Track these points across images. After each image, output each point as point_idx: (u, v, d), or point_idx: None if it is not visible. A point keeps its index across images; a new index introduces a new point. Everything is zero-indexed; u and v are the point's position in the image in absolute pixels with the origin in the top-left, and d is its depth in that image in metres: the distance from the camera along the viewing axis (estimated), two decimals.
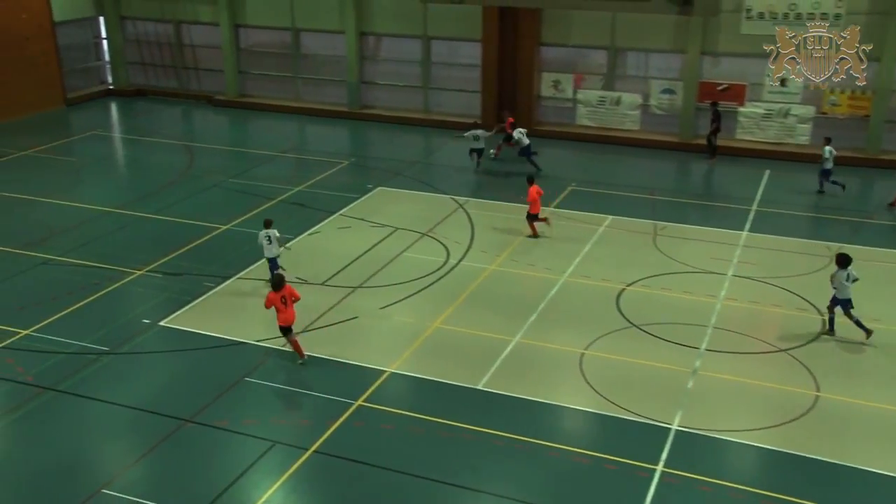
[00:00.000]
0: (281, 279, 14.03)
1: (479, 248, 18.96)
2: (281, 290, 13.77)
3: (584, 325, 15.47)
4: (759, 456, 11.94)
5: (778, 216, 21.09)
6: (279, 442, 12.03)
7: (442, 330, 15.31)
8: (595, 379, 13.70)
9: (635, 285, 17.07)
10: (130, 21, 33.58)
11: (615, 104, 27.63)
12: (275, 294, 13.76)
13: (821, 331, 15.22)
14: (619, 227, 20.28)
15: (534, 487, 11.27)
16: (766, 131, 26.01)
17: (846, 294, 14.76)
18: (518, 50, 27.91)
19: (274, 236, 16.52)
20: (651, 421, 12.56)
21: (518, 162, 25.64)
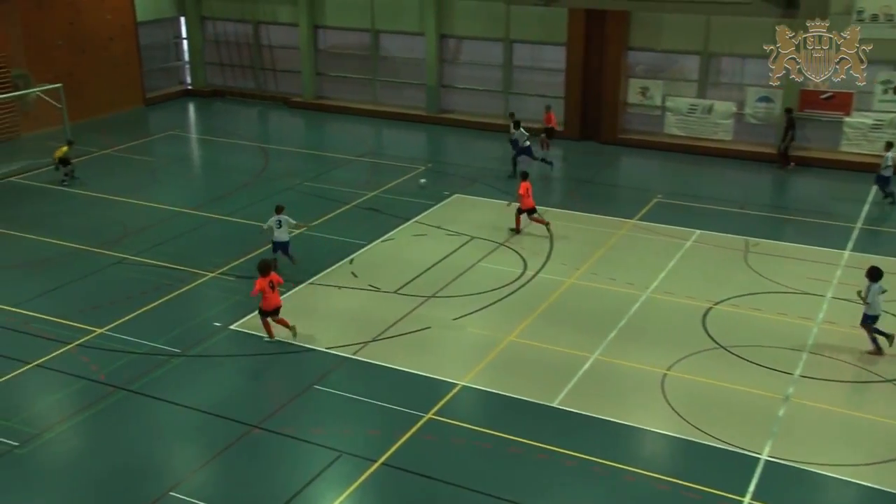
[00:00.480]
0: (268, 265, 15.12)
1: (558, 259, 18.85)
2: (268, 276, 14.89)
3: (667, 344, 15.20)
4: (856, 494, 11.49)
5: (886, 235, 20.33)
6: (346, 452, 12.18)
7: (517, 344, 15.27)
8: (677, 401, 13.44)
9: (724, 304, 16.69)
10: (210, 21, 34.70)
11: (707, 112, 27.12)
12: (263, 279, 14.84)
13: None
14: (707, 242, 19.87)
15: None
16: (874, 143, 25.10)
17: (877, 311, 14.61)
18: (604, 54, 27.70)
19: (285, 221, 17.77)
20: (738, 449, 12.23)
21: (602, 171, 25.48)
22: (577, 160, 27.07)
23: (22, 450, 12.22)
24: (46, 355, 14.69)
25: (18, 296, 16.90)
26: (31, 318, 16.05)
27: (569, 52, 28.15)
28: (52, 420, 12.99)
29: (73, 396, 13.61)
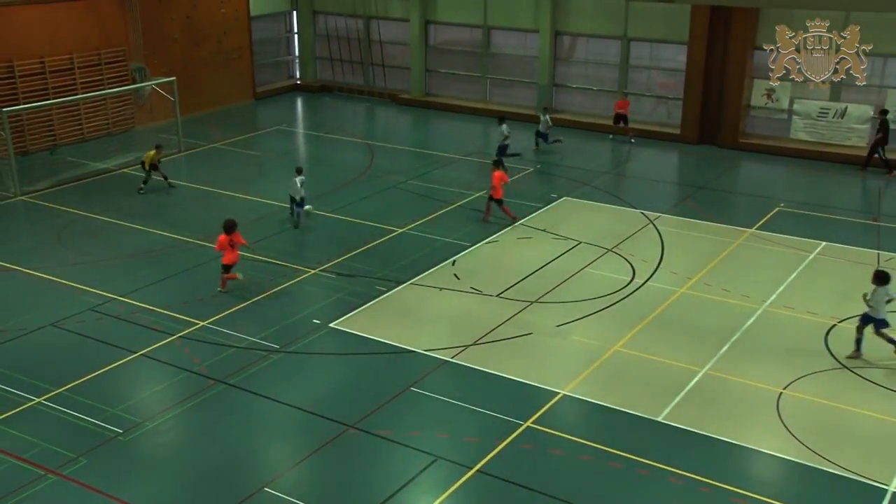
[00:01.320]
0: (233, 224, 17.31)
1: (669, 268, 18.53)
2: (231, 234, 17.17)
3: (785, 361, 14.74)
4: None
5: None
6: (442, 457, 12.34)
7: (622, 354, 15.11)
8: (794, 423, 13.01)
9: (849, 321, 16.04)
10: (322, 16, 35.69)
11: (839, 117, 26.07)
12: (226, 237, 17.19)
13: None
14: (832, 254, 19.14)
15: None
16: None
17: (881, 314, 14.67)
18: (728, 54, 27.02)
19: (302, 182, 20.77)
20: (861, 478, 11.76)
21: (721, 177, 24.90)
22: (695, 164, 26.54)
23: (125, 438, 12.91)
24: (151, 346, 15.47)
25: (127, 286, 17.85)
26: (138, 307, 16.92)
27: (690, 51, 27.61)
28: (154, 410, 13.67)
29: (174, 387, 14.28)
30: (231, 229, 17.32)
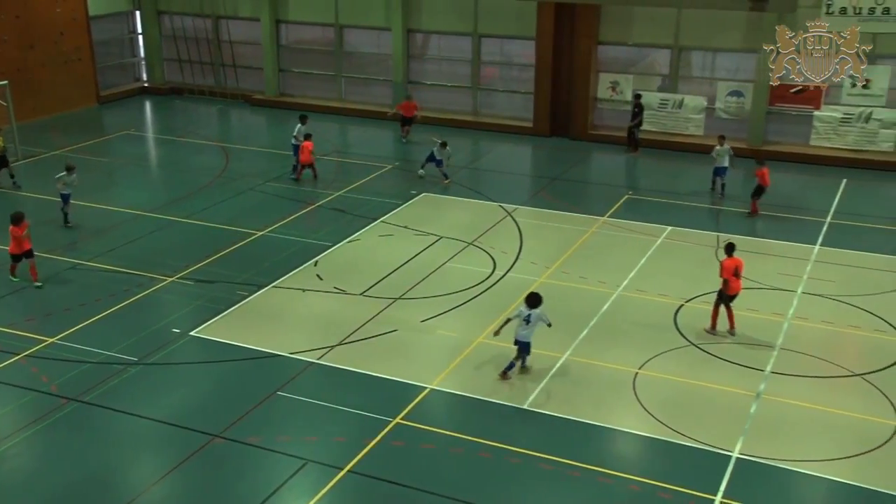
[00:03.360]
0: (21, 216, 17.50)
1: (528, 258, 18.97)
2: (21, 226, 17.33)
3: (639, 342, 15.38)
4: (827, 489, 11.73)
5: (855, 229, 20.72)
6: (312, 460, 12.18)
7: (486, 345, 15.36)
8: (650, 401, 13.60)
9: (695, 301, 16.91)
10: (167, 16, 34.43)
11: (678, 107, 27.43)
12: (15, 227, 17.35)
13: None
14: (678, 238, 20.11)
15: None
16: (844, 137, 25.59)
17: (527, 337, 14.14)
18: (574, 49, 27.91)
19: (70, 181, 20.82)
20: (710, 447, 12.42)
21: (572, 168, 25.67)
22: (548, 156, 27.26)
23: None
24: None
25: None
26: None
27: (538, 47, 28.33)
28: (0, 435, 12.82)
29: (22, 410, 13.44)
30: (18, 221, 17.43)
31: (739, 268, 15.54)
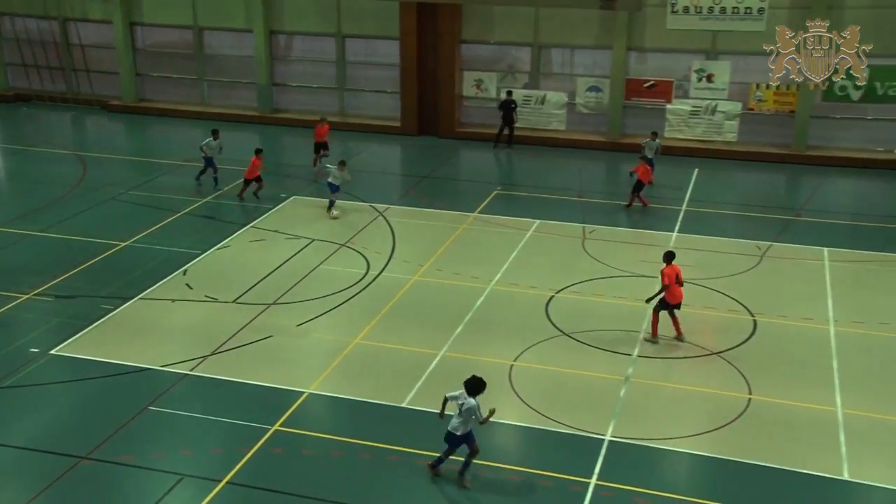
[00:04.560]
0: None
1: (401, 257, 19.01)
2: None
3: (513, 335, 15.67)
4: (693, 463, 12.29)
5: (707, 216, 21.79)
6: (189, 475, 11.79)
7: (363, 346, 15.28)
8: (525, 391, 13.88)
9: (565, 291, 17.38)
10: (8, 17, 32.50)
11: (540, 103, 28.09)
12: None
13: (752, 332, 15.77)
14: (546, 231, 20.61)
15: None
16: (693, 129, 26.88)
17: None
18: (438, 48, 28.13)
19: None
20: (583, 433, 12.79)
21: (441, 166, 25.89)
22: (416, 155, 27.39)
23: None
24: None
25: None
26: None
27: (403, 47, 28.39)
28: None
29: None
30: None
31: (679, 275, 15.07)
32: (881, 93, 24.84)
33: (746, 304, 16.72)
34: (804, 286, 17.55)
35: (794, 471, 11.92)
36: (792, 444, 12.55)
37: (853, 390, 13.77)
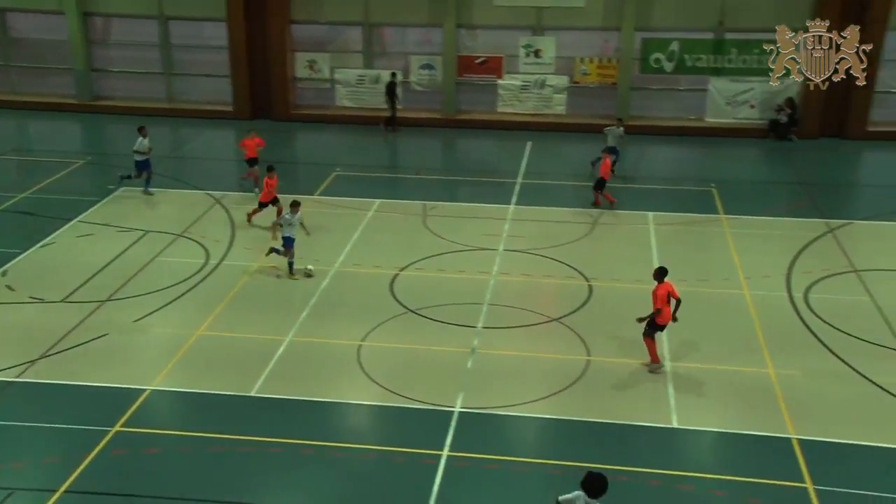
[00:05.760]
0: None
1: (242, 244, 18.53)
2: None
3: (359, 315, 15.62)
4: (540, 426, 12.72)
5: (543, 187, 22.47)
6: (20, 488, 11.07)
7: (206, 337, 14.82)
8: (375, 370, 13.90)
9: (409, 269, 17.49)
10: None
11: (374, 83, 27.98)
12: None
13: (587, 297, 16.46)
14: (388, 210, 20.64)
15: (320, 492, 11.28)
16: (525, 103, 27.57)
17: None
18: (267, 29, 27.43)
19: None
20: (434, 406, 12.96)
21: (279, 149, 25.39)
22: None
23: None
24: None
25: None
26: None
27: (230, 29, 27.49)
28: None
29: None
30: None
31: (673, 293, 13.57)
32: (690, 64, 26.39)
33: (582, 271, 17.40)
34: (633, 250, 18.44)
35: (630, 424, 12.57)
36: (628, 399, 13.22)
37: (679, 344, 14.63)
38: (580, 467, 11.47)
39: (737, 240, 18.78)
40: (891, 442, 12.04)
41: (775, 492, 11.08)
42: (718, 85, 26.49)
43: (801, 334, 14.87)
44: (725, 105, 26.59)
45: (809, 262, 17.65)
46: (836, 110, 25.53)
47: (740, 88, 26.36)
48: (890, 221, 19.78)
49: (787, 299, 16.14)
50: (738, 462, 11.80)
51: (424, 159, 24.83)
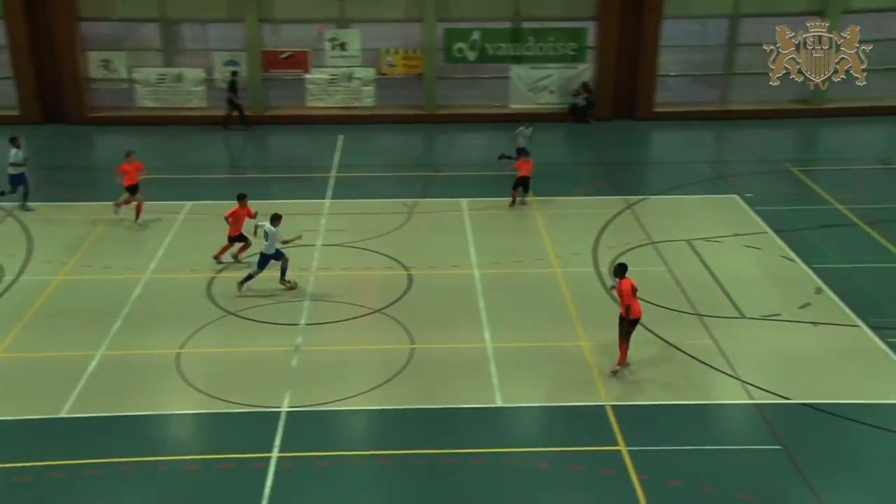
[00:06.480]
0: None
1: (42, 257, 17.32)
2: None
3: (177, 322, 15.02)
4: (369, 418, 12.74)
5: (357, 180, 22.46)
6: None
7: (5, 359, 13.76)
8: (196, 377, 13.42)
9: (225, 271, 16.99)
10: None
11: (177, 81, 26.88)
12: None
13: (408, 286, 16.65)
14: (200, 212, 19.92)
15: None
16: (334, 96, 27.41)
17: None
18: (53, 27, 25.65)
19: None
20: (260, 408, 12.69)
21: (74, 155, 23.97)
22: (45, 145, 24.91)
23: None
24: None
25: None
26: None
27: (9, 28, 25.51)
28: None
29: None
30: None
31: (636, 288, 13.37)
32: (492, 53, 27.21)
33: (401, 260, 17.55)
34: (449, 237, 18.81)
35: (456, 407, 12.84)
36: (453, 383, 13.48)
37: (499, 325, 15.10)
38: (410, 455, 11.70)
39: (546, 221, 19.59)
40: (690, 399, 13.00)
41: (593, 457, 11.69)
42: (519, 72, 27.45)
43: (609, 306, 15.72)
44: (527, 91, 27.60)
45: (612, 237, 18.70)
46: (625, 94, 27.15)
47: (539, 75, 27.45)
48: (679, 195, 21.28)
49: (595, 274, 17.03)
50: (558, 433, 12.36)
51: (235, 157, 24.16)
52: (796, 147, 26.35)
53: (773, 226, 18.96)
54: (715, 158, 24.28)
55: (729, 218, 19.60)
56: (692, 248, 18.04)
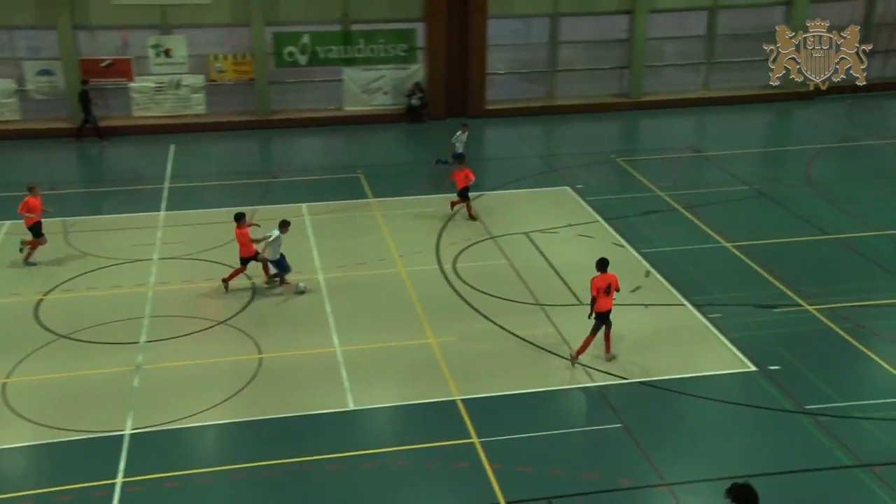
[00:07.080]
0: None
1: None
2: None
3: (1, 350, 13.98)
4: (219, 433, 12.35)
5: (192, 189, 21.71)
6: None
7: None
8: (26, 407, 12.56)
9: (54, 292, 16.01)
10: None
11: None
12: None
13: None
14: (19, 232, 18.59)
15: None
16: (162, 105, 26.35)
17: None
18: None
19: None
20: (101, 434, 12.03)
21: None
22: None
23: None
24: None
25: None
26: None
27: None
28: None
29: None
30: None
31: (613, 284, 13.54)
32: (323, 56, 27.00)
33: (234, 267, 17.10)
34: (291, 241, 18.42)
35: (309, 414, 12.67)
36: (304, 390, 13.28)
37: (347, 328, 15.01)
38: (264, 466, 11.44)
39: (388, 221, 19.65)
40: (536, 386, 13.40)
41: (448, 452, 11.84)
42: (352, 74, 27.37)
43: (454, 302, 15.99)
44: (361, 93, 27.56)
45: (454, 234, 19.00)
46: (457, 93, 27.64)
47: (372, 77, 27.47)
48: (514, 189, 21.91)
49: (439, 271, 17.26)
50: (413, 431, 12.43)
51: (56, 173, 22.74)
52: (619, 139, 27.71)
53: (604, 214, 19.87)
54: (546, 152, 25.16)
55: (562, 209, 20.37)
56: (530, 240, 18.62)
